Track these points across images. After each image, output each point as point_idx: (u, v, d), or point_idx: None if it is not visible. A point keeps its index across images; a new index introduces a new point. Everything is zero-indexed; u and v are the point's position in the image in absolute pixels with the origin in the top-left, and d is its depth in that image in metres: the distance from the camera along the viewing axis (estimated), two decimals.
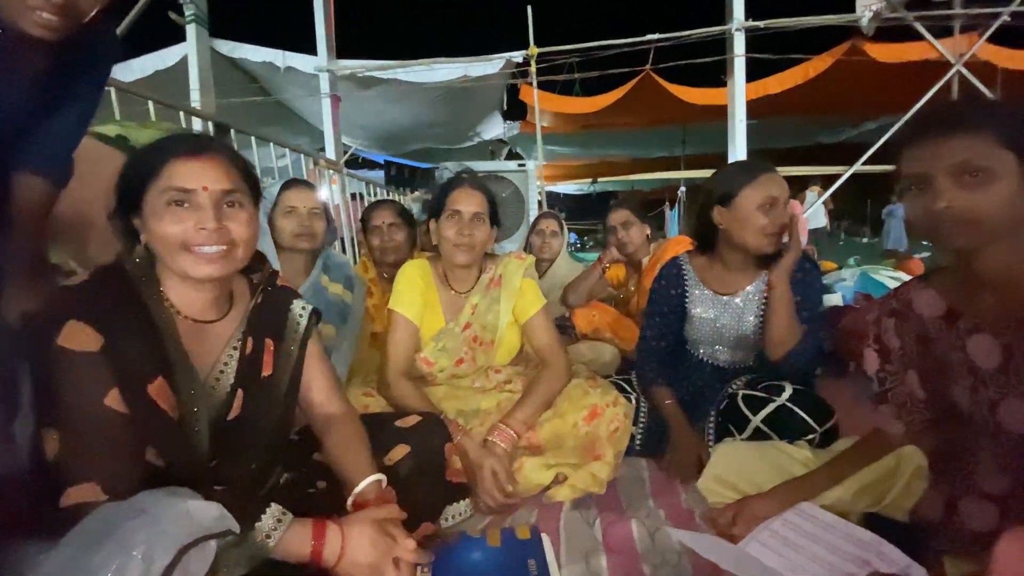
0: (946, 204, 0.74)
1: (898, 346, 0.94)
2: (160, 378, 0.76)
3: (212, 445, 0.82)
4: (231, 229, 0.82)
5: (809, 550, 0.87)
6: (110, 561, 0.55)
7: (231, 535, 0.67)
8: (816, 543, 0.88)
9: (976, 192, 0.73)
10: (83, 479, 0.67)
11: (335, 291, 1.64)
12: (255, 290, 0.96)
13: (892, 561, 0.81)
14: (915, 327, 0.91)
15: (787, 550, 0.88)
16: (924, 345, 0.90)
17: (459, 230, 1.38)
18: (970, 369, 0.83)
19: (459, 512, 1.14)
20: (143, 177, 0.80)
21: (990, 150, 0.72)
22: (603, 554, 1.00)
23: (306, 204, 1.59)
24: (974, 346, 0.82)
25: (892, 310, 0.94)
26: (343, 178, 4.43)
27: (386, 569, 0.79)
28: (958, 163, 0.73)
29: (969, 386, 0.85)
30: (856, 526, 0.91)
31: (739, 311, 1.46)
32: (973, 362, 0.82)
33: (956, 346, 0.84)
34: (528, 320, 1.48)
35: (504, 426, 1.28)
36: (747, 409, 1.32)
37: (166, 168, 0.79)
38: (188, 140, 0.86)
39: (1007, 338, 0.78)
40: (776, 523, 0.96)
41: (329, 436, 1.00)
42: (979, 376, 0.82)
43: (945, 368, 0.87)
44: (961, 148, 0.73)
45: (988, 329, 0.80)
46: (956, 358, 0.85)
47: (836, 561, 0.83)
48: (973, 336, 0.82)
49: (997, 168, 0.72)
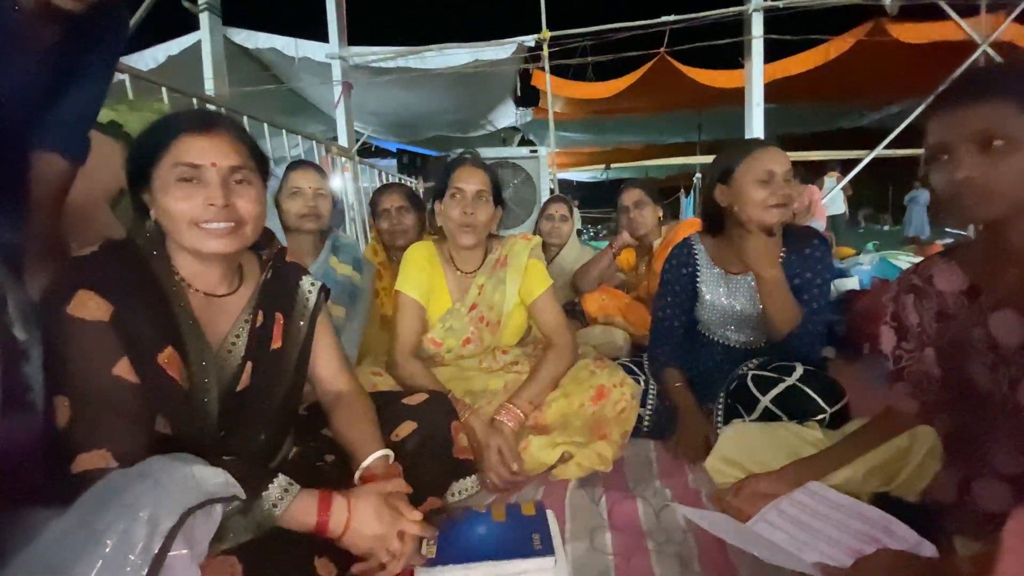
0: (966, 174, 0.72)
1: (916, 323, 0.91)
2: (170, 348, 0.78)
3: (221, 416, 0.84)
4: (239, 206, 0.83)
5: (816, 528, 0.86)
6: (116, 523, 0.56)
7: (237, 501, 0.68)
8: (823, 521, 0.87)
9: (999, 162, 0.70)
10: (93, 446, 0.69)
11: (344, 272, 1.65)
12: (265, 266, 0.97)
13: (901, 538, 0.80)
14: (935, 303, 0.88)
15: (794, 528, 0.87)
16: (944, 322, 0.88)
17: (463, 209, 1.38)
18: (991, 346, 0.81)
19: (465, 488, 1.15)
20: (152, 152, 0.81)
21: (1014, 118, 0.69)
22: (608, 531, 1.01)
23: (311, 185, 1.59)
24: (997, 322, 0.80)
25: (912, 286, 0.91)
26: (355, 166, 4.44)
27: (391, 541, 0.80)
28: (980, 131, 0.71)
29: (989, 363, 0.82)
30: (864, 504, 0.89)
31: (750, 291, 1.44)
32: (995, 338, 0.80)
33: (978, 322, 0.82)
34: (534, 300, 1.48)
35: (511, 405, 1.28)
36: (757, 390, 1.30)
37: (175, 143, 0.80)
38: (197, 116, 0.87)
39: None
40: (784, 503, 0.94)
41: (337, 412, 1.01)
42: (1000, 353, 0.80)
43: (964, 345, 0.85)
44: (983, 116, 0.71)
45: (1012, 304, 0.78)
46: (977, 334, 0.82)
47: (843, 538, 0.82)
48: (996, 312, 0.80)
49: (1021, 137, 0.69)
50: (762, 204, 1.33)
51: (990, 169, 0.71)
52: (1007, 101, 0.70)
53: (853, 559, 0.74)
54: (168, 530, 0.57)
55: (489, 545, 0.90)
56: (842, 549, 0.79)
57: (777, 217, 1.34)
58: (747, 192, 1.34)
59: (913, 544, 0.78)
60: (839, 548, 0.80)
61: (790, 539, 0.85)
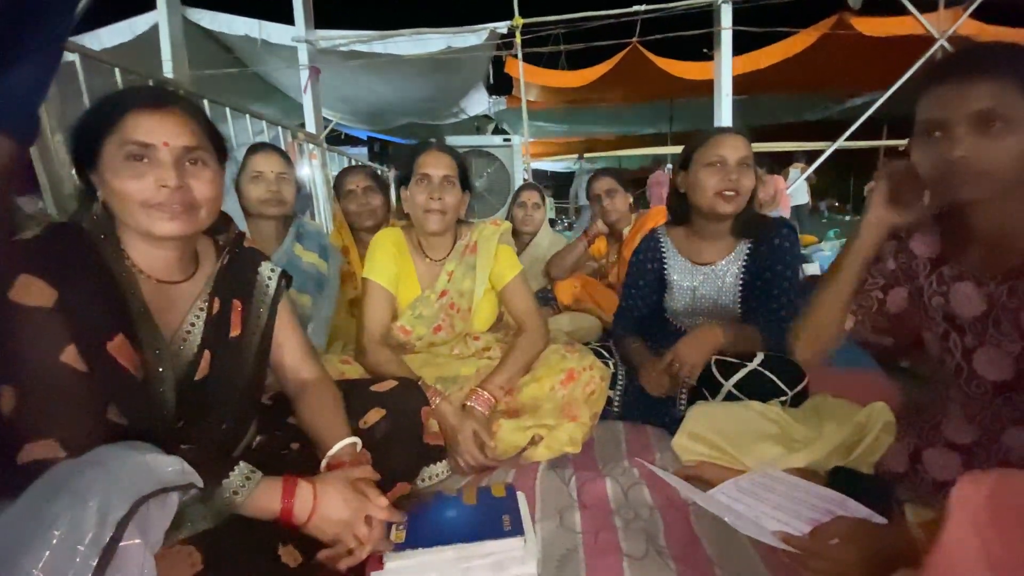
0: (963, 153, 0.71)
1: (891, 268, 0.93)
2: (120, 335, 0.74)
3: (180, 405, 0.81)
4: (193, 187, 0.79)
5: (774, 501, 0.89)
6: (64, 513, 0.54)
7: (193, 489, 0.66)
8: (781, 496, 0.90)
9: (996, 142, 0.69)
10: (41, 435, 0.66)
11: (309, 260, 1.62)
12: (221, 251, 0.93)
13: (855, 512, 0.83)
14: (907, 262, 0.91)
15: (752, 500, 0.90)
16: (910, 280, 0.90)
17: (429, 194, 1.36)
18: (946, 315, 0.84)
19: (437, 473, 1.15)
20: (100, 129, 0.76)
21: (1015, 99, 0.68)
22: (577, 510, 1.02)
23: (273, 169, 1.55)
24: (956, 293, 0.82)
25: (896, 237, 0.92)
26: (323, 152, 4.34)
27: (358, 526, 0.79)
28: (980, 111, 0.69)
29: (940, 332, 0.86)
30: (818, 485, 0.93)
31: (717, 281, 1.46)
32: (952, 308, 0.83)
33: (939, 292, 0.85)
34: (505, 286, 1.47)
35: (482, 390, 1.28)
36: (720, 374, 1.33)
37: (124, 120, 0.76)
38: (148, 92, 0.82)
39: (990, 288, 0.79)
40: (742, 480, 0.98)
41: (303, 400, 0.99)
42: (956, 323, 0.83)
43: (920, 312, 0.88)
44: (985, 95, 0.69)
45: (972, 278, 0.81)
46: (935, 303, 0.85)
47: (801, 510, 0.85)
48: (956, 283, 0.83)
49: (1019, 119, 0.68)
50: (710, 190, 1.33)
51: (986, 149, 0.70)
52: (1010, 81, 0.68)
53: (811, 527, 0.77)
54: (119, 519, 0.55)
55: (459, 528, 0.90)
56: (801, 519, 0.82)
57: (725, 206, 1.35)
58: (698, 177, 1.35)
59: (866, 516, 0.81)
60: (798, 518, 0.83)
61: (749, 509, 0.88)
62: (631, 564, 0.86)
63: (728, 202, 1.34)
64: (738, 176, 1.33)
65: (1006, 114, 0.69)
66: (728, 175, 1.32)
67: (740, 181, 1.34)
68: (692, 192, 1.38)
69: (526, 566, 0.85)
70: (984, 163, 0.70)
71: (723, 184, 1.32)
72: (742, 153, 1.35)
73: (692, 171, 1.37)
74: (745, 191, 1.36)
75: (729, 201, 1.34)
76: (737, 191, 1.34)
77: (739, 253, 1.45)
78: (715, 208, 1.35)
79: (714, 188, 1.33)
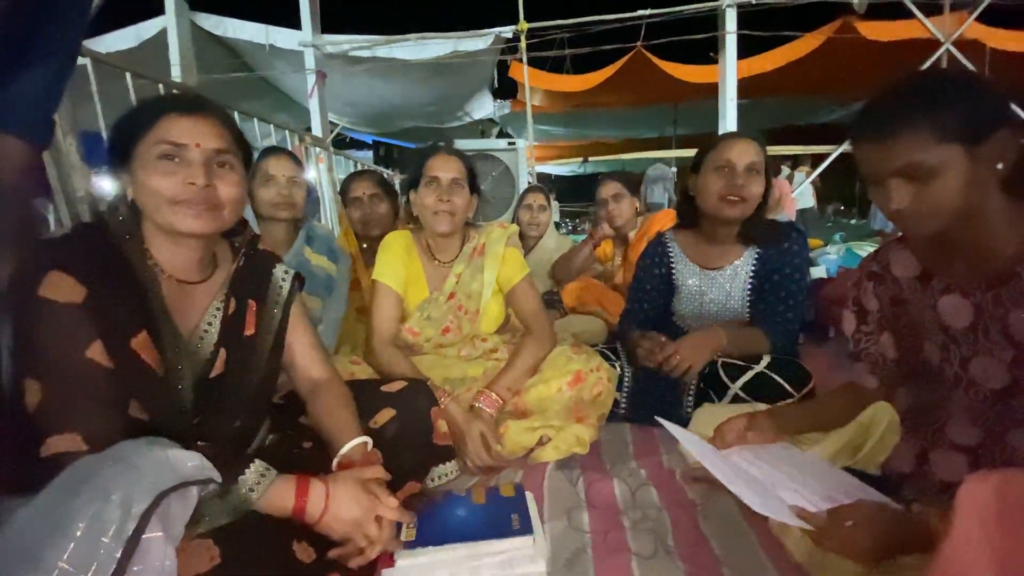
0: (897, 206, 0.75)
1: (876, 308, 0.96)
2: (144, 332, 0.77)
3: (196, 402, 0.82)
4: (219, 188, 0.82)
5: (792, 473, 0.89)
6: (88, 507, 0.55)
7: (212, 484, 0.67)
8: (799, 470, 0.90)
9: (926, 189, 0.72)
10: (64, 429, 0.67)
11: (319, 263, 1.63)
12: (237, 253, 0.95)
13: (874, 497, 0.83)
14: (892, 289, 0.92)
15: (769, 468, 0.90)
16: (899, 306, 0.92)
17: (438, 196, 1.37)
18: (941, 327, 0.85)
19: (446, 473, 1.16)
20: (135, 130, 0.80)
21: (934, 148, 0.70)
22: (585, 510, 1.03)
23: (285, 173, 1.56)
24: (945, 306, 0.84)
25: (871, 273, 0.96)
26: (330, 156, 4.36)
27: (368, 526, 0.80)
28: (903, 166, 0.72)
29: (940, 343, 0.87)
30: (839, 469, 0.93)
31: (726, 285, 1.46)
32: (944, 321, 0.84)
33: (928, 305, 0.86)
34: (512, 288, 1.48)
35: (490, 392, 1.29)
36: (726, 377, 1.34)
37: (160, 122, 0.79)
38: (184, 97, 0.86)
39: (976, 298, 0.80)
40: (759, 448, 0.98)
41: (315, 400, 1.00)
42: (949, 334, 0.84)
43: (918, 327, 0.89)
44: (904, 151, 0.72)
45: (959, 290, 0.82)
46: (928, 317, 0.87)
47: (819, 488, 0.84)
48: (944, 296, 0.84)
49: (944, 163, 0.70)
50: (715, 194, 1.33)
51: (920, 198, 0.73)
52: (920, 133, 0.71)
53: (829, 505, 0.77)
54: (142, 513, 0.57)
55: (469, 526, 0.91)
56: (819, 496, 0.82)
57: (729, 211, 1.34)
58: (705, 181, 1.35)
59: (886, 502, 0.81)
60: (816, 494, 0.82)
61: (765, 476, 0.88)
62: (640, 563, 0.87)
63: (733, 207, 1.34)
64: (745, 182, 1.32)
65: (927, 164, 0.71)
66: (734, 180, 1.32)
67: (747, 187, 1.32)
68: (700, 195, 1.38)
69: (535, 565, 0.86)
70: (924, 208, 0.73)
71: (728, 189, 1.32)
72: (751, 159, 1.34)
73: (702, 174, 1.37)
74: (752, 197, 1.34)
75: (734, 206, 1.34)
76: (743, 197, 1.33)
77: (748, 258, 1.45)
78: (719, 213, 1.35)
79: (719, 192, 1.33)
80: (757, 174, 1.34)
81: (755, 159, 1.34)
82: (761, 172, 1.36)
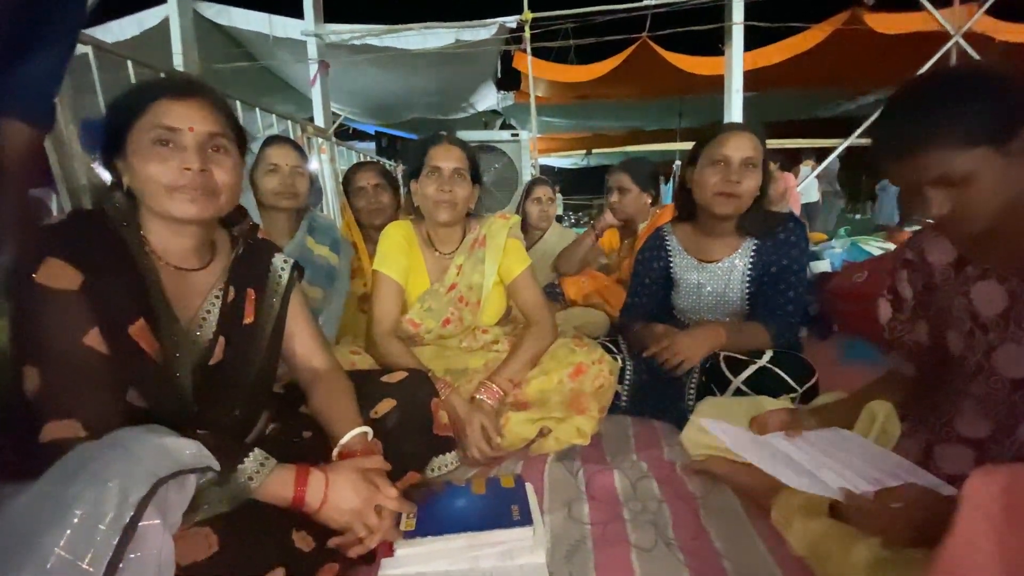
0: (937, 212, 0.75)
1: (911, 296, 0.95)
2: (141, 319, 0.76)
3: (195, 390, 0.82)
4: (215, 173, 0.81)
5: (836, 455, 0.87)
6: (85, 493, 0.55)
7: (211, 472, 0.67)
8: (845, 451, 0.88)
9: (964, 194, 0.72)
10: (62, 415, 0.67)
11: (321, 253, 1.62)
12: (236, 242, 0.95)
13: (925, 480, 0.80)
14: (925, 276, 0.92)
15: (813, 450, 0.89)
16: (929, 293, 0.91)
17: (439, 186, 1.36)
18: (971, 314, 0.84)
19: (446, 463, 1.16)
20: (130, 114, 0.79)
21: (966, 155, 0.70)
22: (585, 501, 1.02)
23: (288, 162, 1.56)
24: (978, 292, 0.83)
25: (906, 260, 0.95)
26: (332, 146, 4.35)
27: (368, 515, 0.80)
28: (937, 177, 0.73)
29: (965, 331, 0.86)
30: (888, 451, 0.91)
31: (724, 278, 1.45)
32: (975, 307, 0.83)
33: (960, 291, 0.85)
34: (513, 280, 1.48)
35: (491, 383, 1.29)
36: (729, 371, 1.33)
37: (153, 106, 0.78)
38: (177, 81, 0.84)
39: (1012, 285, 0.79)
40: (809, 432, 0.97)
41: (315, 389, 1.00)
42: (979, 321, 0.83)
43: (944, 315, 0.88)
44: (936, 163, 0.72)
45: (995, 276, 0.81)
46: (958, 304, 0.86)
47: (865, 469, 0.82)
48: (979, 282, 0.83)
49: (978, 168, 0.71)
50: (710, 189, 1.31)
51: (960, 203, 0.73)
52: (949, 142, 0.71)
53: (875, 488, 0.75)
54: (139, 500, 0.56)
55: (469, 517, 0.91)
56: (865, 478, 0.80)
57: (723, 207, 1.32)
58: (701, 175, 1.33)
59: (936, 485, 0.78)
60: (862, 477, 0.80)
61: (809, 459, 0.87)
62: (639, 555, 0.87)
63: (726, 203, 1.32)
64: (740, 177, 1.30)
65: (960, 173, 0.71)
66: (729, 175, 1.30)
67: (742, 183, 1.31)
68: (695, 188, 1.37)
69: (535, 555, 0.86)
70: (966, 212, 0.73)
71: (722, 185, 1.30)
72: (747, 153, 1.32)
73: (698, 168, 1.35)
74: (747, 193, 1.33)
75: (728, 201, 1.32)
76: (737, 193, 1.31)
77: (746, 250, 1.44)
78: (713, 207, 1.34)
79: (713, 188, 1.31)
80: (753, 168, 1.33)
81: (751, 153, 1.32)
82: (758, 166, 1.35)
